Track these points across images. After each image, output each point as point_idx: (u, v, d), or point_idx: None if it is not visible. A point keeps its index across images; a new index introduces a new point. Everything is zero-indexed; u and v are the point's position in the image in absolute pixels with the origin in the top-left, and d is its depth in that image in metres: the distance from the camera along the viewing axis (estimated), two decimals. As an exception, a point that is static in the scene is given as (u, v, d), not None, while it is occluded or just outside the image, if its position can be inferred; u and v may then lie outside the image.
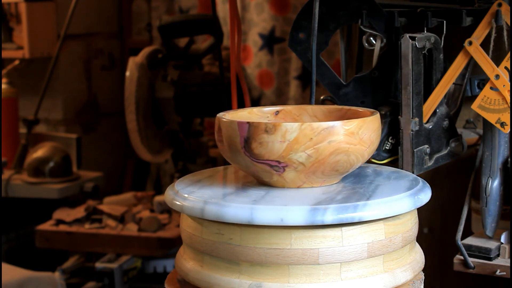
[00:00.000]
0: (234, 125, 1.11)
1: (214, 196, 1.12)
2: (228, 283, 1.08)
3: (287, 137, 1.08)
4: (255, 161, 1.11)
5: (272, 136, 1.08)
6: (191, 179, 1.23)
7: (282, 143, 1.08)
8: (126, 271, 2.75)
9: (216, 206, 1.07)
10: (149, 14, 4.09)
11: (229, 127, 1.12)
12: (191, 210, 1.10)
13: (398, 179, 1.20)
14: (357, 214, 1.05)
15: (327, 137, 1.09)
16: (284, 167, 1.11)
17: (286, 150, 1.09)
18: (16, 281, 2.55)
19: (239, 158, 1.13)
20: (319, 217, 1.03)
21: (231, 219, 1.06)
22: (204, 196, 1.12)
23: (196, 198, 1.11)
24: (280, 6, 3.49)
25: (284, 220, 1.03)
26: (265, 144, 1.09)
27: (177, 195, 1.14)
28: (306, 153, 1.09)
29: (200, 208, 1.08)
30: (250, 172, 1.16)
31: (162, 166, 3.81)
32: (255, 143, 1.10)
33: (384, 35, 1.49)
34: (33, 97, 3.61)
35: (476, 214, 1.57)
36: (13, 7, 3.44)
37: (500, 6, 1.38)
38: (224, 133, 1.13)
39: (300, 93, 3.48)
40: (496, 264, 1.45)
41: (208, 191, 1.15)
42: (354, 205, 1.06)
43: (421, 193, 1.13)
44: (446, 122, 1.47)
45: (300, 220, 1.03)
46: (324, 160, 1.10)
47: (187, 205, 1.10)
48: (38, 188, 3.21)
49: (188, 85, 3.01)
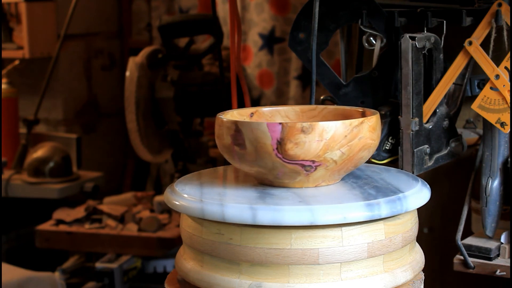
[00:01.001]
0: (263, 127, 1.09)
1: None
2: (228, 283, 1.08)
3: (324, 136, 1.08)
4: (287, 162, 1.09)
5: (310, 135, 1.08)
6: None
7: (320, 142, 1.08)
8: (126, 271, 2.75)
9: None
10: (149, 14, 4.09)
11: (257, 130, 1.09)
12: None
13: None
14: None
15: (358, 134, 1.10)
16: (317, 166, 1.11)
17: (323, 149, 1.09)
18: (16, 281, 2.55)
19: (267, 160, 1.10)
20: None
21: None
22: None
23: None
24: (280, 6, 3.49)
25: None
26: (302, 144, 1.08)
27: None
28: (341, 151, 1.10)
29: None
30: (273, 174, 1.12)
31: (162, 166, 3.81)
32: (291, 144, 1.08)
33: (384, 35, 1.49)
34: (33, 97, 3.61)
35: (476, 214, 1.57)
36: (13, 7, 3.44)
37: (500, 6, 1.38)
38: (248, 136, 1.09)
39: (300, 93, 3.48)
40: (496, 264, 1.45)
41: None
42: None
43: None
44: (446, 122, 1.47)
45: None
46: (353, 157, 1.12)
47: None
48: (38, 188, 3.21)
49: (188, 85, 3.01)
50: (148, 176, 3.98)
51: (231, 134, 1.11)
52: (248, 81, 3.53)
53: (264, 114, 1.26)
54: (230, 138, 1.12)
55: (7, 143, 3.39)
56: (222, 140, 1.14)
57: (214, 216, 1.07)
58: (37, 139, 3.46)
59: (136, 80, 2.92)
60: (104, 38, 4.05)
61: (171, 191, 1.16)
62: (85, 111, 3.94)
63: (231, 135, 1.11)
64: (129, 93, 2.92)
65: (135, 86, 2.91)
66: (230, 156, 1.14)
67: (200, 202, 1.09)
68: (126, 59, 3.81)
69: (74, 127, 3.84)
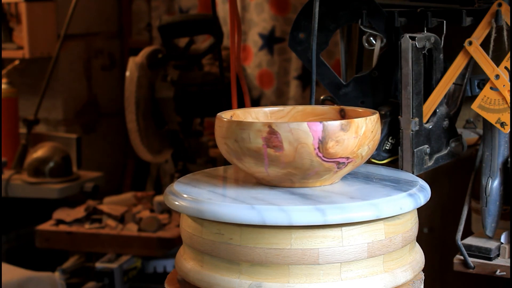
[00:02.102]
0: (304, 127, 1.08)
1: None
2: (228, 283, 1.08)
3: (359, 132, 1.10)
4: (325, 160, 1.10)
5: (348, 133, 1.10)
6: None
7: (356, 138, 1.10)
8: (126, 271, 2.75)
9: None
10: (149, 14, 4.09)
11: (297, 130, 1.08)
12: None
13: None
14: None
15: (378, 129, 1.14)
16: (349, 162, 1.13)
17: (358, 145, 1.11)
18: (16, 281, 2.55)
19: (305, 160, 1.10)
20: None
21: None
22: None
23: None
24: (280, 6, 3.49)
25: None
26: (342, 141, 1.10)
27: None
28: (368, 146, 1.13)
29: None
30: (304, 174, 1.12)
31: (162, 166, 3.81)
32: (332, 142, 1.09)
33: (384, 35, 1.49)
34: (33, 97, 3.61)
35: (476, 214, 1.57)
36: (13, 7, 3.44)
37: (500, 6, 1.38)
38: (288, 137, 1.08)
39: (300, 93, 3.48)
40: (496, 264, 1.45)
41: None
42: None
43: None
44: (446, 122, 1.47)
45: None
46: (371, 152, 1.15)
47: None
48: (38, 188, 3.21)
49: (188, 85, 3.01)
50: (148, 176, 3.98)
51: (264, 136, 1.09)
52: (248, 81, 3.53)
53: (239, 116, 1.25)
54: (261, 141, 1.09)
55: (7, 143, 3.38)
56: (247, 144, 1.10)
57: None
58: (37, 139, 3.46)
59: (136, 80, 2.92)
60: (104, 38, 4.04)
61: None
62: (85, 111, 3.94)
63: (264, 137, 1.09)
64: (129, 93, 2.92)
65: (135, 86, 2.91)
66: (256, 160, 1.11)
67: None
68: (126, 59, 3.81)
69: (74, 127, 3.84)
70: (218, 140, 1.16)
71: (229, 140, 1.12)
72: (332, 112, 1.27)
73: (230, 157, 1.15)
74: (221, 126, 1.14)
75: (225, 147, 1.14)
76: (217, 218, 1.07)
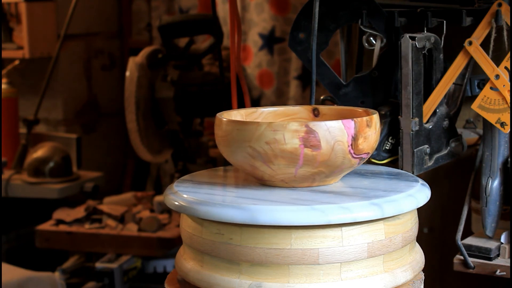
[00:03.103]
0: (340, 124, 1.09)
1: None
2: (228, 283, 1.08)
3: (377, 128, 1.14)
4: (354, 157, 1.12)
5: (371, 128, 1.13)
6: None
7: (375, 134, 1.14)
8: (126, 271, 2.75)
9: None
10: (149, 14, 4.09)
11: (334, 128, 1.09)
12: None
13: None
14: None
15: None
16: (366, 157, 1.15)
17: (375, 140, 1.15)
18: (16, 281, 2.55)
19: (339, 158, 1.11)
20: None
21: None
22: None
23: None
24: (280, 6, 3.48)
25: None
26: (368, 137, 1.12)
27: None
28: (376, 142, 1.16)
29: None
30: (330, 171, 1.12)
31: (162, 166, 3.81)
32: (361, 138, 1.11)
33: (384, 35, 1.49)
34: (33, 97, 3.61)
35: (476, 214, 1.57)
36: (13, 7, 3.44)
37: (500, 6, 1.38)
38: (326, 136, 1.08)
39: (300, 93, 3.48)
40: (496, 264, 1.45)
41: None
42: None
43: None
44: (446, 122, 1.47)
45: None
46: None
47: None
48: (38, 188, 3.21)
49: (188, 85, 3.01)
50: (148, 176, 3.98)
51: (301, 136, 1.08)
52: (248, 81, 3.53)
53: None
54: (298, 141, 1.09)
55: (7, 143, 3.38)
56: (281, 145, 1.08)
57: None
58: (37, 139, 3.46)
59: (136, 80, 2.92)
60: (104, 38, 4.04)
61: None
62: (85, 111, 3.94)
63: (301, 137, 1.08)
64: (129, 93, 2.92)
65: (135, 86, 2.91)
66: (289, 161, 1.10)
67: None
68: (126, 59, 3.81)
69: (74, 127, 3.84)
70: (234, 144, 1.11)
71: (256, 143, 1.09)
72: (305, 112, 1.27)
73: (252, 161, 1.11)
74: (243, 129, 1.10)
75: (248, 150, 1.10)
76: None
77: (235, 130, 1.11)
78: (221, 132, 1.14)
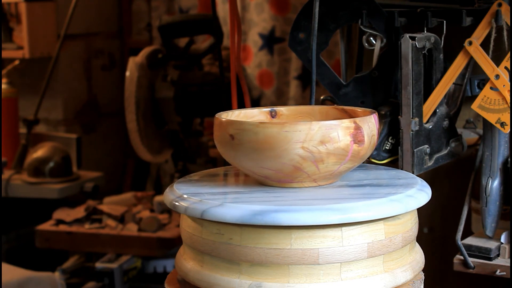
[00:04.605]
0: (375, 118, 1.15)
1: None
2: (228, 283, 1.08)
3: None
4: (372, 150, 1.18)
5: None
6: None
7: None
8: (126, 271, 2.75)
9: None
10: (149, 14, 4.09)
11: (371, 123, 1.14)
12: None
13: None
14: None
15: None
16: None
17: None
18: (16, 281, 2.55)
19: (370, 151, 1.15)
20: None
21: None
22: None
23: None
24: (280, 6, 3.49)
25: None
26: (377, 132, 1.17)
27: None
28: None
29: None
30: (353, 166, 1.15)
31: (162, 166, 3.81)
32: (377, 133, 1.17)
33: (384, 35, 1.49)
34: (33, 97, 3.61)
35: (476, 214, 1.57)
36: (13, 7, 3.44)
37: (500, 6, 1.38)
38: (367, 131, 1.12)
39: (300, 93, 3.48)
40: (496, 264, 1.45)
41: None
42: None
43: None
44: (446, 122, 1.47)
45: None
46: None
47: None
48: (38, 188, 3.21)
49: (188, 85, 3.01)
50: (148, 176, 3.98)
51: (352, 132, 1.10)
52: (248, 81, 3.53)
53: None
54: (350, 138, 1.10)
55: (7, 143, 3.38)
56: (336, 143, 1.08)
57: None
58: (37, 139, 3.46)
59: (136, 80, 2.92)
60: (104, 38, 4.04)
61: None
62: (85, 111, 3.94)
63: (352, 133, 1.10)
64: (129, 93, 2.92)
65: (135, 86, 2.91)
66: (338, 158, 1.10)
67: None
68: (126, 59, 3.81)
69: (74, 127, 3.84)
70: (281, 147, 1.08)
71: (310, 143, 1.08)
72: (263, 114, 1.25)
73: (300, 162, 1.09)
74: (294, 130, 1.08)
75: (299, 151, 1.08)
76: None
77: (282, 133, 1.08)
78: (260, 137, 1.08)
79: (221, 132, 1.14)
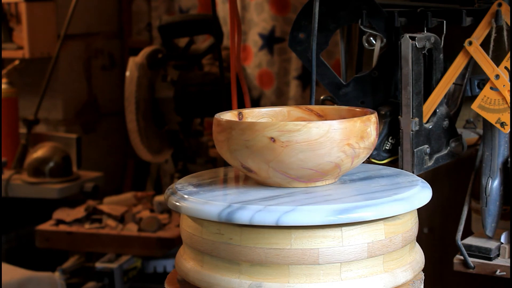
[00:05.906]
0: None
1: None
2: (228, 283, 1.08)
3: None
4: None
5: None
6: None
7: None
8: (126, 271, 2.75)
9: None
10: (149, 14, 4.09)
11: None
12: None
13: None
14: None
15: None
16: None
17: None
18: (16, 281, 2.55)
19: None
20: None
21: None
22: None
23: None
24: (280, 6, 3.49)
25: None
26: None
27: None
28: None
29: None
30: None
31: (162, 166, 3.81)
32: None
33: (384, 35, 1.49)
34: (33, 97, 3.61)
35: (476, 214, 1.57)
36: (13, 7, 3.44)
37: (500, 6, 1.38)
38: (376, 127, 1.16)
39: (300, 93, 3.48)
40: (496, 264, 1.45)
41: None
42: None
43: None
44: (446, 122, 1.47)
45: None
46: None
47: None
48: (38, 188, 3.21)
49: (188, 85, 3.01)
50: (148, 176, 3.98)
51: (376, 127, 1.16)
52: (248, 81, 3.53)
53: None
54: (375, 132, 1.15)
55: (7, 143, 3.39)
56: (369, 138, 1.12)
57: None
58: (37, 139, 3.46)
59: (136, 80, 2.92)
60: (104, 38, 4.04)
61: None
62: (85, 111, 3.94)
63: (375, 128, 1.15)
64: (129, 93, 2.92)
65: (135, 86, 2.91)
66: (368, 152, 1.15)
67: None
68: (126, 59, 3.81)
69: (74, 127, 3.84)
70: (331, 144, 1.08)
71: (353, 139, 1.10)
72: (230, 115, 1.24)
73: (342, 159, 1.10)
74: (342, 128, 1.08)
75: (346, 148, 1.09)
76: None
77: (331, 131, 1.08)
78: (312, 136, 1.07)
79: (252, 136, 1.08)
